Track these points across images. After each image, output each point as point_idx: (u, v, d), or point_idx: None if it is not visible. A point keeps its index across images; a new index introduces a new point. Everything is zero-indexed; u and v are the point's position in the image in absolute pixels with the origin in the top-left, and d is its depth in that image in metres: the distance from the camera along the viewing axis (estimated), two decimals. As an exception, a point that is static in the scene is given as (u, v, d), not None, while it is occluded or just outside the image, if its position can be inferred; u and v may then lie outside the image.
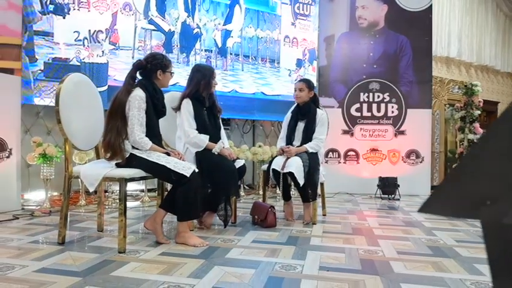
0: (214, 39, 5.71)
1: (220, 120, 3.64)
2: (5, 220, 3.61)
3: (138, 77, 2.94)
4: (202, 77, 3.41)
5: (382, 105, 6.31)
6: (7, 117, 4.05)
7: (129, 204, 4.74)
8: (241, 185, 5.77)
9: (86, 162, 4.45)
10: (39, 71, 4.47)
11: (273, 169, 3.74)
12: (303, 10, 6.50)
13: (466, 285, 2.16)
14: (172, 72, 3.07)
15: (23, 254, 2.58)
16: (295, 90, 3.95)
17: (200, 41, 5.58)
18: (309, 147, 3.84)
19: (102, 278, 2.15)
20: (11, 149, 4.06)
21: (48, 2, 4.48)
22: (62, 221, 2.84)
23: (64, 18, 4.60)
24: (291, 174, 3.61)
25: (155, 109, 2.92)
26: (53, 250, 2.68)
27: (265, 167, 3.99)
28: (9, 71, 4.10)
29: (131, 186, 5.40)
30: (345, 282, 2.15)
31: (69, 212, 3.98)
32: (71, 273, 2.20)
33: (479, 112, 6.91)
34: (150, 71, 2.93)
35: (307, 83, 3.98)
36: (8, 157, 4.03)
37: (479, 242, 3.17)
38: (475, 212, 0.60)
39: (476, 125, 6.84)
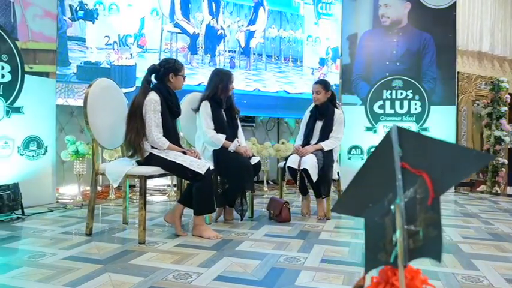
0: (238, 40, 5.92)
1: (238, 120, 3.85)
2: (41, 212, 3.94)
3: (154, 80, 3.18)
4: (220, 81, 3.63)
5: (405, 102, 6.37)
6: (43, 117, 4.38)
7: (156, 198, 5.04)
8: (265, 180, 5.98)
9: (115, 159, 4.76)
10: (72, 74, 4.79)
11: (289, 166, 3.92)
12: (326, 9, 6.62)
13: (457, 279, 2.29)
14: (185, 76, 3.29)
15: (54, 243, 2.86)
16: (313, 93, 4.10)
17: (224, 42, 5.80)
18: (325, 145, 3.99)
19: (121, 265, 2.39)
20: (46, 147, 4.39)
21: (78, 9, 4.79)
22: (90, 214, 3.11)
23: (93, 23, 4.91)
24: (305, 170, 3.78)
25: (170, 110, 3.15)
26: (80, 240, 2.96)
27: (281, 164, 4.16)
28: (45, 74, 4.42)
29: (159, 182, 5.69)
30: (342, 274, 2.32)
31: (100, 206, 4.31)
32: (94, 261, 2.46)
33: (506, 108, 6.86)
34: (163, 74, 3.17)
35: (324, 84, 4.11)
36: (44, 154, 4.36)
37: (486, 238, 3.27)
38: (363, 212, 0.78)
39: (503, 121, 6.81)
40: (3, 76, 4.01)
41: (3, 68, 4.01)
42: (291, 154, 4.06)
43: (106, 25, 4.98)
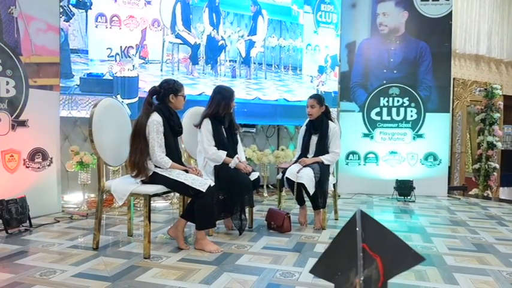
0: (238, 50, 6.05)
1: (238, 136, 3.98)
2: (47, 223, 4.08)
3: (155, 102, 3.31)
4: (222, 98, 3.77)
5: (402, 110, 6.51)
6: (48, 129, 4.51)
7: (159, 204, 5.17)
8: (265, 185, 6.11)
9: (118, 169, 4.89)
10: (76, 86, 4.92)
11: (287, 177, 4.05)
12: (325, 18, 6.73)
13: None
14: (185, 96, 3.41)
15: (63, 259, 3.00)
16: (307, 107, 4.22)
17: (225, 52, 5.93)
18: (325, 159, 4.11)
19: (128, 283, 2.53)
20: (51, 158, 4.52)
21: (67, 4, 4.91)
22: (96, 227, 3.25)
23: (86, 12, 5.01)
24: (302, 184, 3.92)
25: (172, 130, 3.29)
26: (88, 255, 3.09)
27: (279, 176, 4.29)
28: (49, 87, 4.53)
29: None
30: (335, 291, 2.47)
31: (104, 215, 4.44)
32: (102, 278, 2.60)
33: (499, 115, 7.01)
34: (163, 95, 3.30)
35: (318, 99, 4.20)
36: (49, 165, 4.49)
37: (470, 250, 3.41)
38: (333, 280, 0.93)
39: (496, 127, 6.96)
40: (8, 91, 4.12)
41: (8, 83, 4.12)
42: (290, 165, 4.19)
43: (108, 37, 5.10)
